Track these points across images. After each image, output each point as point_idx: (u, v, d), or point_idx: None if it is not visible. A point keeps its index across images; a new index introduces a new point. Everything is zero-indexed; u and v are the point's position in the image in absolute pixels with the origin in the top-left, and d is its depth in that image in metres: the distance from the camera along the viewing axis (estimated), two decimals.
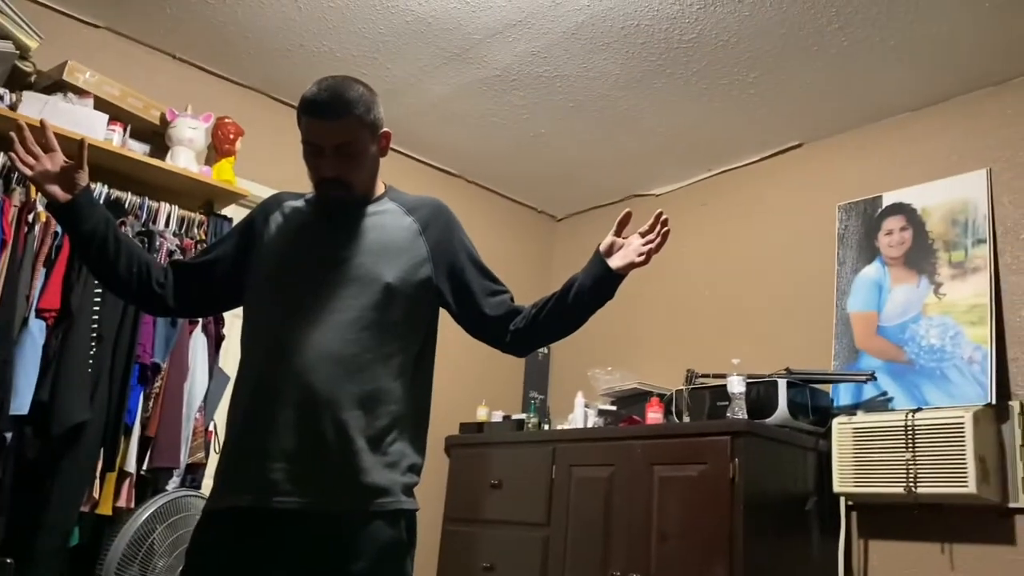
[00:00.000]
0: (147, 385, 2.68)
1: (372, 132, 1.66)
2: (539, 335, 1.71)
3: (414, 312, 1.67)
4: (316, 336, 1.56)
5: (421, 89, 3.47)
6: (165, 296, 1.74)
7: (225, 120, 3.19)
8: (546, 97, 3.44)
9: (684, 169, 3.96)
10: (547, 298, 1.68)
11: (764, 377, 2.97)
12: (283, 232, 1.72)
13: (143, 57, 3.26)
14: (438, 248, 1.71)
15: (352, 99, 1.61)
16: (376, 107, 1.67)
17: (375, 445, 1.56)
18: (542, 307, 1.68)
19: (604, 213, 4.37)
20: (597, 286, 1.64)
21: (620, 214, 1.69)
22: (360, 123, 1.62)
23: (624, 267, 1.63)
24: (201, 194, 3.04)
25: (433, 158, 4.12)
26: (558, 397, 4.16)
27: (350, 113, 1.60)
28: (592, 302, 1.65)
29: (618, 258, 1.64)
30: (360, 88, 1.64)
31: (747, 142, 3.66)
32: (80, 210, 1.65)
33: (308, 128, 1.62)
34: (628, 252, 1.64)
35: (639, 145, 3.77)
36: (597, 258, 1.65)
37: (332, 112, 1.59)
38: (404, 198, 1.79)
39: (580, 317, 1.68)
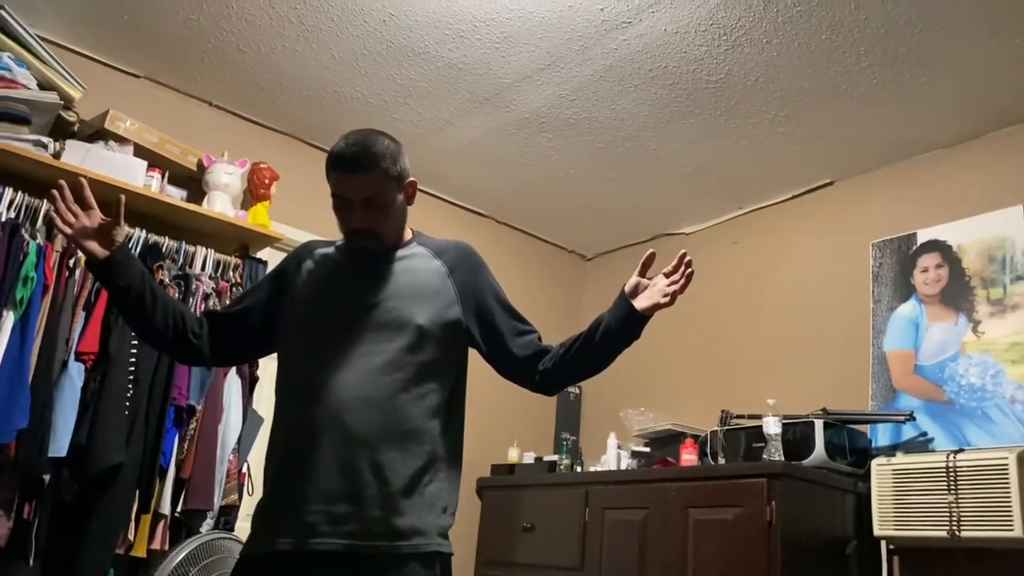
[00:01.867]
0: (182, 427, 2.71)
1: (399, 183, 1.69)
2: (567, 374, 1.72)
3: (445, 353, 1.69)
4: (350, 379, 1.58)
5: (452, 132, 3.52)
6: (200, 347, 1.77)
7: (260, 165, 3.25)
8: (575, 138, 3.47)
9: (714, 208, 3.95)
10: (574, 338, 1.69)
11: (800, 418, 2.93)
12: (315, 279, 1.75)
13: (181, 105, 3.34)
14: (466, 289, 1.73)
15: (378, 153, 1.64)
16: (402, 158, 1.70)
17: (411, 486, 1.57)
18: (569, 347, 1.69)
19: (634, 252, 4.32)
20: (623, 327, 1.64)
21: (645, 255, 1.70)
22: (386, 176, 1.65)
23: (649, 308, 1.63)
24: (237, 238, 3.09)
25: (464, 199, 4.16)
26: (590, 438, 4.13)
27: (377, 167, 1.64)
28: (618, 342, 1.66)
29: (643, 299, 1.65)
30: (385, 141, 1.68)
31: (777, 180, 3.66)
32: (117, 266, 1.69)
33: (337, 182, 1.66)
34: (653, 293, 1.65)
35: (668, 184, 3.78)
36: (622, 299, 1.66)
37: (359, 167, 1.63)
38: (432, 242, 1.81)
39: (607, 357, 1.69)
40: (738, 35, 2.75)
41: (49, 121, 2.78)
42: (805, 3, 2.58)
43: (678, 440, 3.25)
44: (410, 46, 2.97)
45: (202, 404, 2.75)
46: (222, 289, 2.93)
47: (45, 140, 2.69)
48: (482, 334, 1.74)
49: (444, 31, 2.87)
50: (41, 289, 2.51)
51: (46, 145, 2.68)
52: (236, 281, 3.00)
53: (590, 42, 2.86)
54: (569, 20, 2.76)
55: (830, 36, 2.70)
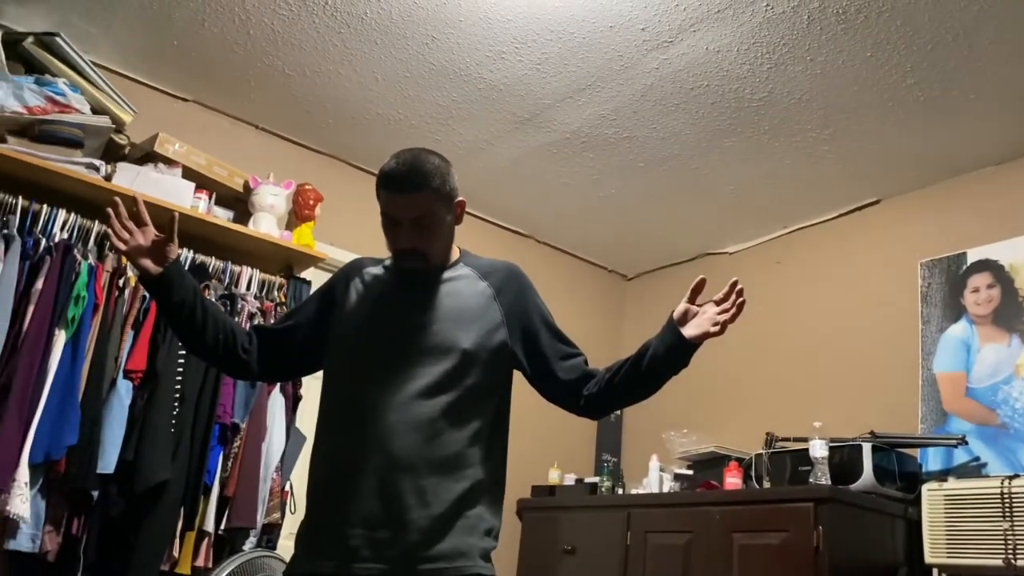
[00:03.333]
0: (226, 445, 2.73)
1: (447, 203, 1.69)
2: (613, 400, 1.70)
3: (490, 377, 1.68)
4: (395, 402, 1.58)
5: (492, 153, 3.54)
6: (249, 361, 1.78)
7: (305, 187, 3.29)
8: (616, 158, 3.46)
9: (758, 227, 3.92)
10: (621, 363, 1.67)
11: (848, 441, 2.87)
12: (362, 298, 1.76)
13: (228, 128, 3.41)
14: (512, 312, 1.72)
15: (427, 172, 1.64)
16: (451, 178, 1.69)
17: (454, 510, 1.57)
18: (616, 372, 1.67)
19: (675, 272, 4.34)
20: (670, 355, 1.61)
21: (694, 279, 1.67)
22: (436, 196, 1.65)
23: (698, 336, 1.60)
24: (282, 258, 3.13)
25: (504, 220, 4.18)
26: (632, 460, 4.09)
27: (426, 187, 1.63)
28: (666, 370, 1.63)
29: (692, 327, 1.62)
30: (435, 160, 1.67)
31: (822, 199, 3.61)
32: (170, 282, 1.71)
33: (386, 201, 1.66)
34: (702, 321, 1.61)
35: (711, 203, 3.75)
36: (671, 326, 1.63)
37: (409, 186, 1.62)
38: (478, 263, 1.81)
39: (654, 384, 1.67)
40: (781, 53, 2.73)
41: (101, 144, 2.85)
42: (849, 20, 2.56)
43: (722, 463, 3.21)
44: (451, 68, 2.99)
45: (246, 422, 2.77)
46: (267, 308, 2.96)
47: (97, 163, 2.75)
48: (527, 356, 1.72)
49: (485, 53, 2.89)
50: (92, 308, 2.56)
51: (98, 168, 2.75)
52: (280, 300, 3.03)
53: (631, 62, 2.86)
54: (610, 40, 2.77)
55: (875, 53, 2.67)
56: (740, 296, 1.63)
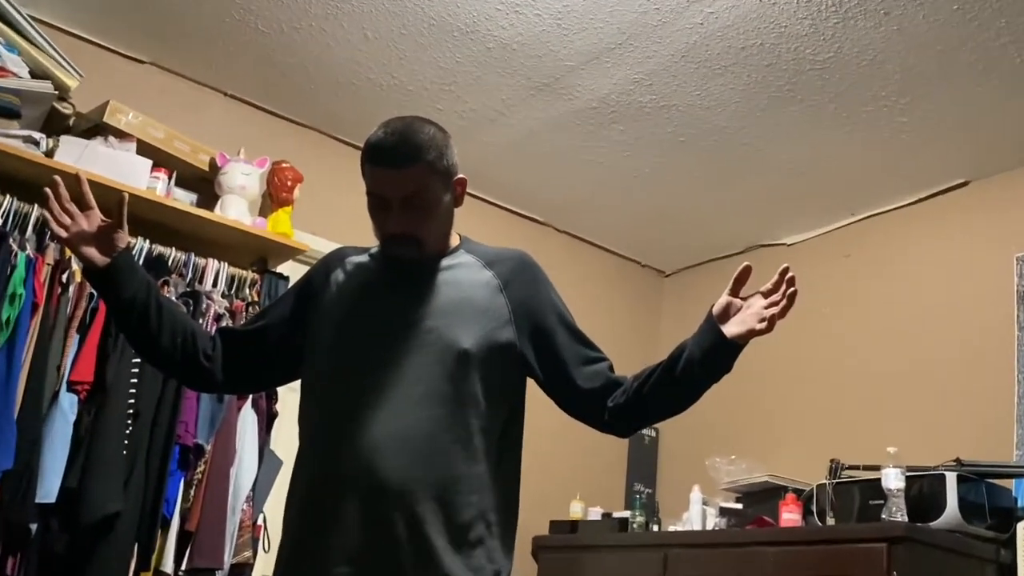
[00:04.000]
0: (188, 470, 2.74)
1: (445, 180, 1.71)
2: (642, 413, 1.70)
3: (496, 383, 1.68)
4: (384, 414, 1.59)
5: (504, 124, 3.55)
6: (213, 370, 1.80)
7: (282, 165, 3.31)
8: (651, 131, 3.47)
9: (821, 214, 3.92)
10: (652, 369, 1.68)
11: (928, 470, 2.87)
12: (345, 293, 1.77)
13: (191, 95, 3.43)
14: (522, 307, 1.73)
15: (421, 143, 1.66)
16: (449, 151, 1.71)
17: (456, 544, 1.57)
18: (645, 379, 1.67)
19: (721, 267, 4.33)
20: (710, 357, 1.60)
21: (738, 268, 1.67)
22: (431, 170, 1.67)
23: (742, 335, 1.59)
24: (254, 249, 3.15)
25: (517, 204, 4.19)
26: (669, 491, 4.09)
27: (419, 160, 1.65)
28: (704, 376, 1.63)
29: (734, 323, 1.60)
30: (431, 130, 1.70)
31: (899, 181, 3.61)
32: (119, 275, 1.72)
33: (373, 178, 1.68)
34: (747, 316, 1.60)
35: (765, 186, 3.76)
36: (709, 323, 1.63)
37: (399, 159, 1.64)
38: (482, 250, 1.82)
39: (691, 393, 1.66)
40: (849, 6, 2.73)
41: (42, 114, 2.87)
42: None
43: (777, 495, 3.21)
44: (456, 24, 3.01)
45: (212, 443, 2.78)
46: (236, 309, 2.98)
47: (37, 136, 2.77)
48: (540, 361, 1.73)
49: (496, 6, 2.91)
50: (30, 308, 2.57)
51: (38, 142, 2.77)
52: (253, 299, 3.06)
53: (670, 16, 2.86)
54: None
55: (963, 6, 2.67)
56: (791, 286, 1.60)
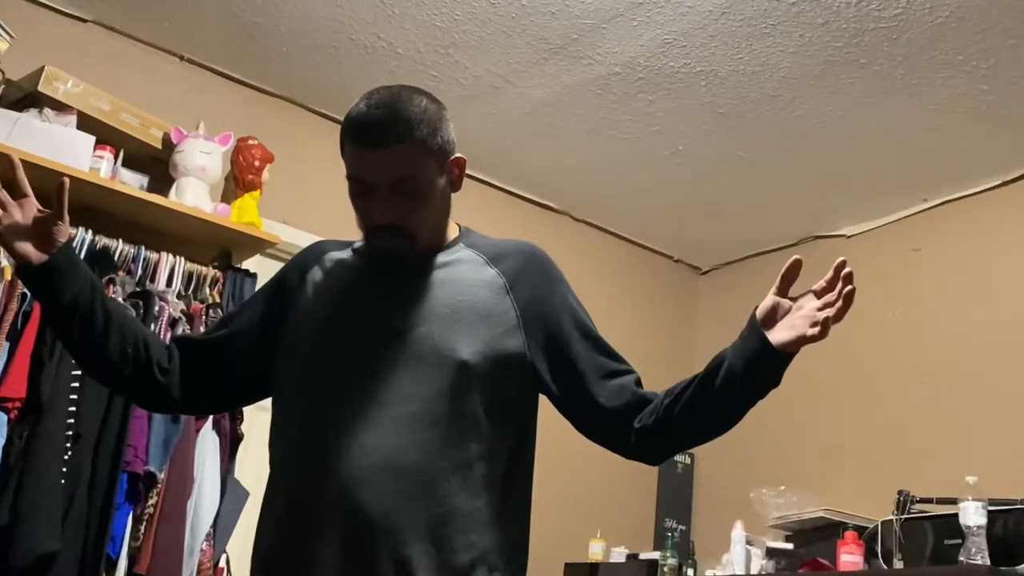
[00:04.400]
0: (138, 503, 2.73)
1: (440, 161, 1.71)
2: (675, 436, 1.70)
3: (501, 400, 1.68)
4: (368, 438, 1.59)
5: (511, 94, 3.53)
6: (169, 386, 1.79)
7: (249, 142, 3.29)
8: (685, 101, 3.45)
9: (887, 200, 3.92)
10: (686, 383, 1.66)
11: (1014, 504, 2.86)
12: (325, 295, 1.78)
13: (141, 60, 3.40)
14: (532, 310, 1.73)
15: (411, 118, 1.66)
16: (444, 126, 1.72)
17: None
18: (678, 396, 1.66)
19: (767, 263, 4.32)
20: (753, 369, 1.59)
21: (787, 262, 1.63)
22: (423, 150, 1.67)
23: (791, 342, 1.57)
24: (216, 241, 3.14)
25: (526, 188, 4.19)
26: (706, 529, 4.10)
27: (409, 137, 1.65)
28: (748, 392, 1.62)
29: (782, 329, 1.59)
30: (422, 102, 1.70)
31: (980, 161, 3.60)
32: (59, 275, 1.71)
33: (355, 159, 1.68)
34: (796, 320, 1.58)
35: (820, 166, 3.75)
36: (753, 329, 1.61)
37: (385, 137, 1.65)
38: (485, 243, 1.82)
39: (732, 412, 1.65)
40: None
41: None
42: None
43: (835, 533, 3.21)
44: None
45: (166, 471, 2.77)
46: (195, 312, 2.97)
47: None
48: (554, 374, 1.73)
49: None
50: None
51: None
52: (214, 301, 3.04)
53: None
54: None
55: None
56: (849, 283, 1.57)
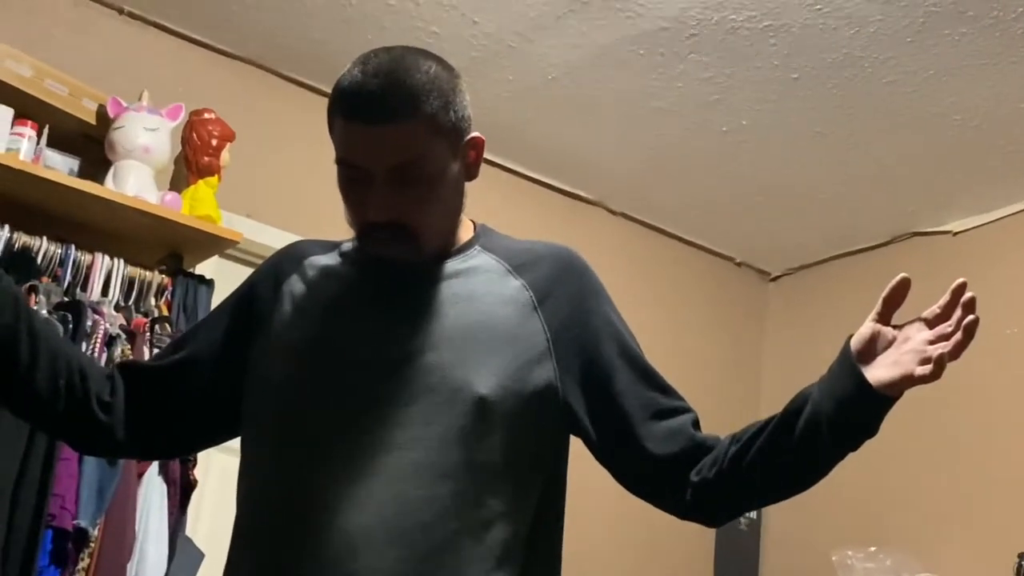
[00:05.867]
0: (66, 566, 2.72)
1: (453, 141, 1.69)
2: (743, 493, 1.69)
3: (527, 446, 1.67)
4: (362, 493, 1.58)
5: (532, 56, 3.54)
6: (112, 426, 1.78)
7: (204, 116, 3.30)
8: (749, 64, 3.46)
9: (1003, 188, 3.92)
10: (758, 427, 1.66)
11: None
12: (306, 312, 1.77)
13: (70, 14, 3.41)
14: (566, 333, 1.72)
15: (418, 88, 1.64)
16: (459, 98, 1.70)
17: None
18: (748, 443, 1.65)
19: (853, 267, 4.34)
20: (846, 414, 1.57)
21: (891, 281, 1.61)
22: (433, 127, 1.65)
23: (894, 383, 1.54)
24: (163, 240, 3.15)
25: (553, 174, 4.20)
26: None
27: (417, 111, 1.63)
28: (837, 442, 1.60)
29: (884, 366, 1.56)
30: (431, 68, 1.68)
31: None
32: None
33: (346, 140, 1.66)
34: (902, 356, 1.56)
35: (918, 145, 3.75)
36: (846, 364, 1.59)
37: (387, 111, 1.62)
38: (507, 246, 1.82)
39: (815, 466, 1.64)
40: None
41: None
42: None
43: None
44: None
45: (100, 526, 2.77)
46: (137, 327, 2.96)
47: None
48: (592, 413, 1.72)
49: None
50: None
51: None
52: (161, 314, 3.05)
53: None
54: None
55: None
56: (970, 311, 1.54)
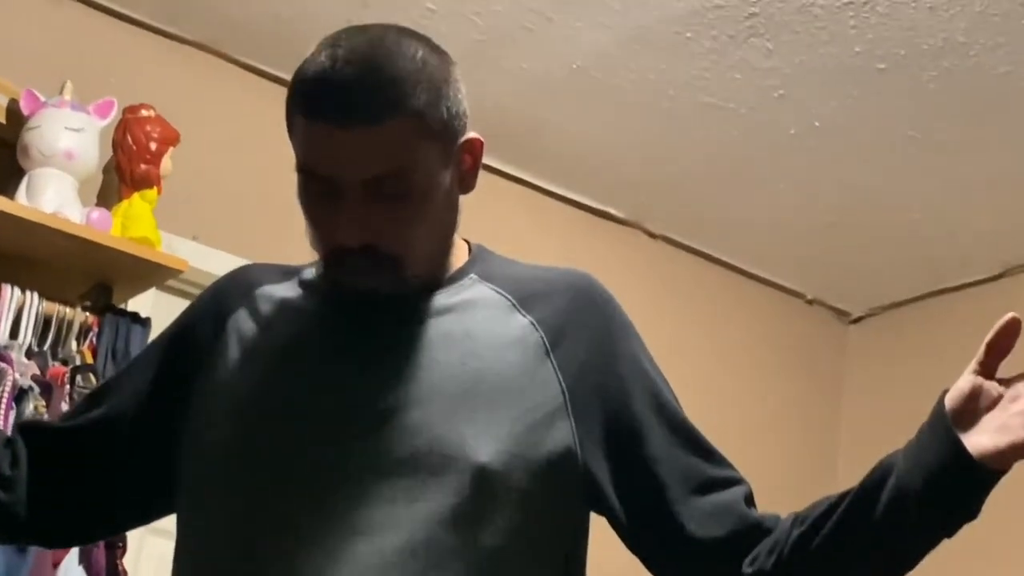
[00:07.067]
0: None
1: (445, 145, 1.70)
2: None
3: (540, 527, 1.69)
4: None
5: (552, 39, 3.57)
6: (13, 505, 1.81)
7: (141, 113, 3.33)
8: (822, 52, 3.48)
9: None
10: (828, 505, 1.66)
11: None
12: (258, 356, 1.78)
13: None
14: (586, 382, 1.74)
15: (404, 78, 1.64)
16: (452, 91, 1.70)
17: None
18: (815, 525, 1.66)
19: (952, 306, 4.40)
20: (940, 491, 1.57)
21: (998, 322, 1.60)
22: (421, 129, 1.65)
23: (1001, 453, 1.54)
24: (88, 268, 3.18)
25: (575, 186, 4.25)
26: None
27: (401, 109, 1.63)
28: (929, 524, 1.60)
29: (989, 431, 1.57)
30: (418, 53, 1.68)
31: None
32: None
33: (312, 144, 1.66)
34: (1013, 419, 1.56)
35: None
36: (940, 427, 1.59)
37: (364, 109, 1.62)
38: (510, 274, 1.82)
39: (902, 555, 1.65)
40: None
41: None
42: None
43: None
44: None
45: None
46: (54, 378, 2.99)
47: None
48: (619, 485, 1.73)
49: None
50: None
51: None
52: (84, 362, 3.08)
53: None
54: None
55: None
56: None
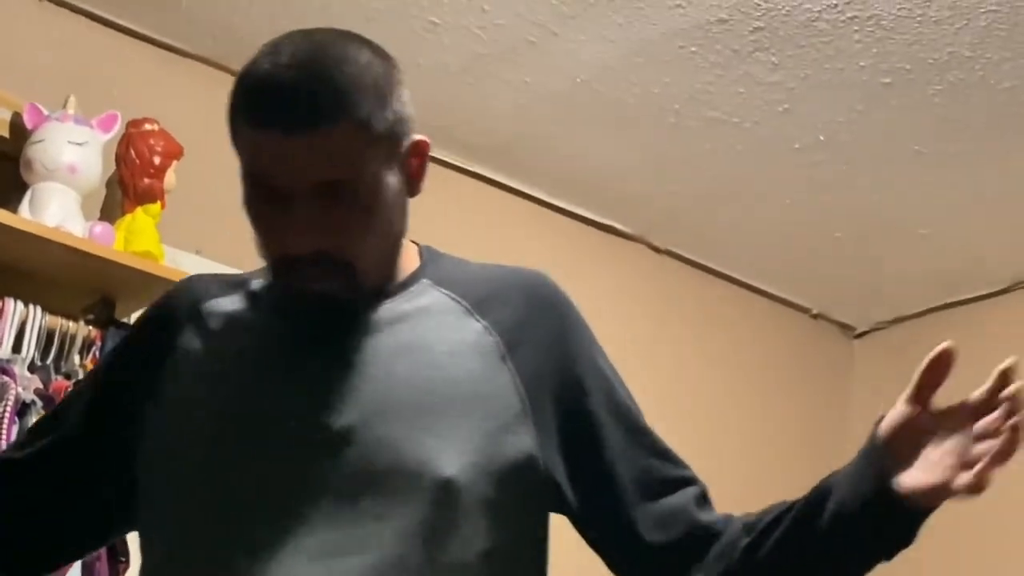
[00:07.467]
0: None
1: (391, 148, 1.70)
2: None
3: (505, 538, 1.69)
4: None
5: (556, 53, 3.56)
6: None
7: (145, 127, 3.34)
8: (831, 66, 3.48)
9: None
10: (776, 513, 1.68)
11: None
12: (207, 374, 1.78)
13: None
14: (543, 384, 1.74)
15: (349, 82, 1.64)
16: (397, 94, 1.71)
17: None
18: (766, 532, 1.68)
19: (959, 320, 4.42)
20: (873, 520, 1.60)
21: (932, 352, 1.64)
22: (368, 134, 1.65)
23: (925, 493, 1.55)
24: (91, 282, 3.19)
25: (579, 200, 4.24)
26: None
27: (348, 114, 1.63)
28: (864, 547, 1.64)
29: (923, 468, 1.57)
30: (364, 56, 1.69)
31: None
32: None
33: (256, 150, 1.66)
34: (942, 456, 1.57)
35: None
36: (871, 459, 1.62)
37: (309, 114, 1.62)
38: (460, 276, 1.83)
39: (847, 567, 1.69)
40: None
41: None
42: None
43: None
44: None
45: None
46: (56, 391, 2.99)
47: None
48: (576, 485, 1.76)
49: None
50: None
51: None
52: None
53: None
54: None
55: None
56: (1016, 413, 1.53)
